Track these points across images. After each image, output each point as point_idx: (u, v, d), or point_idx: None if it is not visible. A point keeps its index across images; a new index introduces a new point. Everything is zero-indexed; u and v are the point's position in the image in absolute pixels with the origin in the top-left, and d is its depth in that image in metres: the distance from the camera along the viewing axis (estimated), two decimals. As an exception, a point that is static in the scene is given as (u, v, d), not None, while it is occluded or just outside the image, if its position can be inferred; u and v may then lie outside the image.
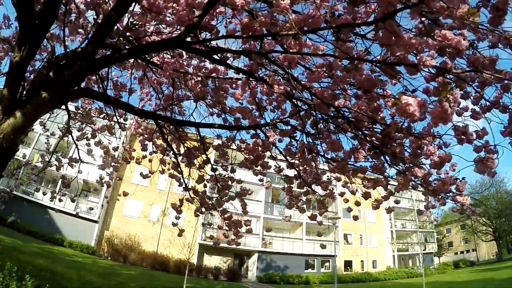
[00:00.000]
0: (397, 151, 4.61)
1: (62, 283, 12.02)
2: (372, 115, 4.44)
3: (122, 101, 6.68)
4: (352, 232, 42.33)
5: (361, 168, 5.30)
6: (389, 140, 4.61)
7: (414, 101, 2.43)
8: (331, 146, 4.95)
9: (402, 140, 4.63)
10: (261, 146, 6.23)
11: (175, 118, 6.93)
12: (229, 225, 7.76)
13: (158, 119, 6.51)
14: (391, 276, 39.00)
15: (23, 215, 27.83)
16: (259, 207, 36.07)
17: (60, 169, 9.20)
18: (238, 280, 30.11)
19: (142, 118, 7.40)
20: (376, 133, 4.81)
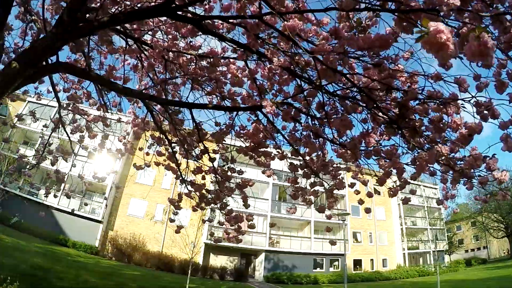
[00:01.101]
0: (416, 125, 3.91)
1: (55, 282, 11.66)
2: (386, 81, 3.75)
3: (105, 78, 6.08)
4: (361, 230, 41.45)
5: (375, 149, 4.60)
6: (407, 112, 3.92)
7: (445, 27, 1.70)
8: (340, 123, 4.27)
9: (422, 111, 3.93)
10: (262, 131, 5.60)
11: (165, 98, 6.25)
12: (229, 220, 7.15)
13: (146, 98, 5.91)
14: (402, 275, 38.07)
15: (27, 216, 27.58)
16: (265, 205, 35.39)
17: (54, 164, 8.51)
18: (245, 280, 29.47)
19: (127, 97, 6.74)
20: (391, 105, 4.13)
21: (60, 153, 8.61)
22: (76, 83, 7.87)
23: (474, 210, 53.78)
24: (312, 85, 4.68)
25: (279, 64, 4.43)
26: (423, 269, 40.11)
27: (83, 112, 8.29)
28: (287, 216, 35.85)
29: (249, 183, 6.71)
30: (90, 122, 8.33)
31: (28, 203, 28.73)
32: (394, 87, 3.81)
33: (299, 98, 5.16)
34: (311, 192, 5.94)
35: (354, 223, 40.64)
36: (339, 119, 4.35)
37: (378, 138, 4.97)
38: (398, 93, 4.17)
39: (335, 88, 4.90)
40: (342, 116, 4.38)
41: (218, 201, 6.96)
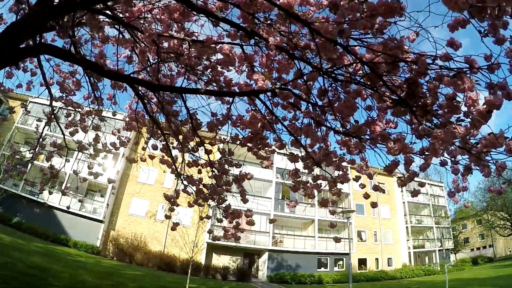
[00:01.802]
0: (428, 103, 3.48)
1: (50, 281, 11.38)
2: (393, 52, 3.33)
3: (90, 60, 5.71)
4: (366, 229, 40.94)
5: (381, 134, 4.17)
6: (416, 89, 3.50)
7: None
8: (344, 105, 3.86)
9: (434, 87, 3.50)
10: (260, 120, 5.21)
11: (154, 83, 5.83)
12: (226, 216, 6.77)
13: (133, 82, 5.53)
14: (407, 274, 37.47)
15: (29, 216, 27.70)
16: (268, 204, 34.93)
17: (50, 160, 8.20)
18: (248, 280, 29.01)
19: (114, 80, 6.35)
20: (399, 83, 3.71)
21: (54, 148, 8.17)
22: (68, 74, 7.52)
23: (479, 208, 53.09)
24: (313, 68, 4.29)
25: (275, 43, 4.06)
26: (429, 268, 39.54)
27: (76, 106, 7.91)
28: (291, 215, 35.50)
29: (247, 176, 6.29)
30: (84, 116, 7.96)
31: (29, 203, 28.69)
32: (402, 58, 3.38)
33: (298, 84, 4.76)
34: (313, 185, 5.53)
35: (359, 222, 40.15)
36: (342, 102, 3.95)
37: (384, 126, 4.60)
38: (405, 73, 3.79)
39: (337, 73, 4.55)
40: (345, 98, 3.98)
41: (215, 196, 6.56)
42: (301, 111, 4.88)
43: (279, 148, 5.21)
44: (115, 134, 8.50)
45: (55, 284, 11.13)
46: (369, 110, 4.61)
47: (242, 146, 5.67)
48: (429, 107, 3.41)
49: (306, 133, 4.87)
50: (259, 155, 5.78)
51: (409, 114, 3.98)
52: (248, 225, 6.77)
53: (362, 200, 39.73)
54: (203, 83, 6.21)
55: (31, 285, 10.26)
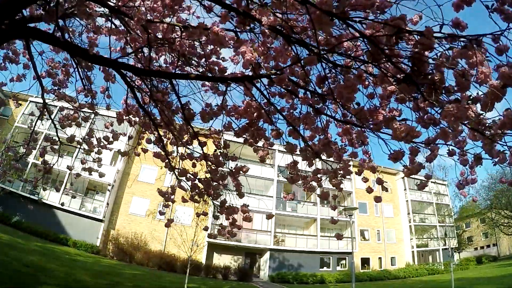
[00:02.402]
0: (436, 79, 3.14)
1: (44, 279, 11.21)
2: (395, 23, 2.98)
3: (75, 44, 5.42)
4: (369, 228, 40.50)
5: (385, 119, 3.84)
6: (422, 65, 3.16)
7: None
8: (343, 86, 3.52)
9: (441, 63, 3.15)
10: (256, 109, 4.89)
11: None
12: (221, 212, 6.45)
13: (120, 67, 5.20)
14: (411, 273, 37.00)
15: (29, 216, 27.79)
16: (270, 203, 34.64)
17: (43, 156, 7.99)
18: (249, 280, 28.62)
19: (99, 65, 6.04)
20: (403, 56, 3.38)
21: (46, 142, 8.09)
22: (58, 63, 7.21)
23: (483, 206, 52.43)
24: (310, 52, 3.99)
25: (269, 23, 3.73)
26: (433, 267, 39.08)
27: (69, 99, 7.65)
28: (293, 213, 35.18)
29: (242, 169, 5.96)
30: (77, 109, 7.69)
31: (29, 203, 27.41)
32: (405, 29, 3.04)
33: (296, 72, 4.42)
34: (312, 177, 5.20)
35: (362, 221, 39.78)
36: (342, 84, 3.62)
37: (388, 114, 4.28)
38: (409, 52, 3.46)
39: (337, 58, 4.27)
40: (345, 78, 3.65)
41: (209, 189, 6.23)
42: (299, 97, 4.56)
43: (275, 137, 4.88)
44: (108, 128, 8.28)
45: (48, 283, 10.97)
46: (371, 98, 4.32)
47: (237, 137, 5.34)
48: (438, 84, 3.06)
49: (304, 121, 4.55)
50: (256, 146, 5.45)
51: (413, 102, 3.68)
52: (245, 221, 6.43)
53: (365, 198, 39.37)
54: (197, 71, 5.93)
55: (24, 283, 10.14)
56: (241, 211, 6.31)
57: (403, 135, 3.28)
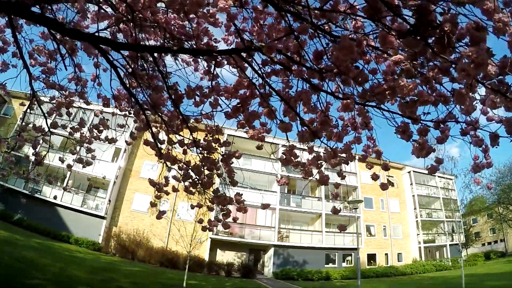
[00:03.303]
0: (446, 29, 2.57)
1: (33, 274, 11.00)
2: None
3: (50, 18, 4.99)
4: (375, 223, 39.80)
5: (389, 87, 3.31)
6: (429, 15, 2.61)
7: None
8: (339, 48, 2.97)
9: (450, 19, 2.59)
10: (247, 87, 4.43)
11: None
12: (212, 202, 5.98)
13: (97, 42, 4.76)
14: (418, 269, 36.24)
15: (31, 213, 28.01)
16: (274, 198, 34.12)
17: (36, 148, 7.81)
18: (252, 277, 28.10)
19: (76, 39, 5.61)
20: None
21: (35, 131, 7.77)
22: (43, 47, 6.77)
23: (491, 201, 51.47)
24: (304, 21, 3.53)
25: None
26: (440, 263, 38.33)
27: (59, 87, 7.25)
28: (297, 209, 34.67)
29: (235, 154, 5.45)
30: (67, 98, 7.27)
31: (31, 201, 28.71)
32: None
33: (290, 47, 4.07)
34: (311, 161, 4.65)
35: (367, 216, 39.13)
36: (337, 45, 3.09)
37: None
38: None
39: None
40: (341, 37, 3.12)
41: (201, 177, 5.74)
42: (293, 71, 4.05)
43: (267, 115, 4.35)
44: (97, 115, 7.95)
45: (38, 277, 10.73)
46: (374, 73, 3.86)
47: (228, 118, 4.85)
48: (449, 36, 2.49)
49: (300, 97, 4.04)
50: (252, 132, 4.92)
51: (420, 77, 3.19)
52: (239, 212, 5.93)
53: (371, 193, 38.77)
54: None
55: (12, 277, 9.89)
56: (235, 200, 5.82)
57: (410, 93, 2.71)
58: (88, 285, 11.95)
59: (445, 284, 24.14)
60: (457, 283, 21.09)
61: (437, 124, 3.90)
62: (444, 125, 3.88)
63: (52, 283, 10.48)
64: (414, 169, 43.86)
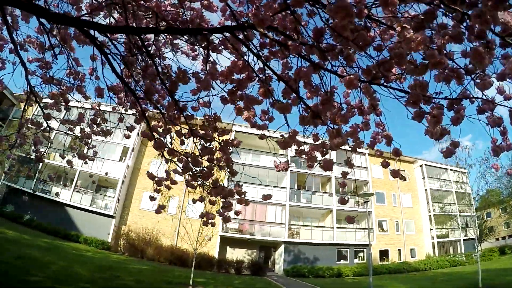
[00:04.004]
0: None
1: (33, 271, 10.98)
2: None
3: (34, 3, 4.74)
4: (387, 218, 39.04)
5: (395, 53, 2.93)
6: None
7: None
8: (335, 12, 2.59)
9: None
10: (243, 69, 4.08)
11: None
12: (211, 193, 5.66)
13: (83, 26, 4.46)
14: (432, 265, 35.42)
15: (41, 214, 28.51)
16: (283, 194, 33.76)
17: (37, 145, 7.63)
18: (263, 274, 27.67)
19: (61, 24, 5.31)
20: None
21: (32, 126, 7.64)
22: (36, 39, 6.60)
23: (505, 194, 50.19)
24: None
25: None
26: (454, 259, 37.47)
27: (57, 82, 7.01)
28: (307, 204, 34.25)
29: (233, 142, 5.11)
30: (65, 93, 7.07)
31: (42, 202, 29.53)
32: None
33: (287, 26, 3.73)
34: (314, 146, 4.27)
35: (379, 211, 38.40)
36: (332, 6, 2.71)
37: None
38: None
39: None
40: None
41: (198, 166, 5.42)
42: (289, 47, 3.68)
43: (262, 95, 3.99)
44: (94, 109, 7.67)
45: (37, 274, 10.65)
46: (380, 51, 3.49)
47: (224, 103, 4.52)
48: None
49: (299, 75, 3.69)
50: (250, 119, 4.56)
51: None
52: (240, 204, 5.59)
53: (383, 188, 38.14)
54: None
55: (9, 274, 9.79)
56: (236, 192, 5.49)
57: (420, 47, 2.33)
58: (89, 282, 11.79)
59: (461, 280, 23.52)
60: (473, 279, 20.51)
61: (451, 104, 3.54)
62: (458, 105, 3.53)
63: (51, 280, 10.34)
64: (426, 162, 43.12)
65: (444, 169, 43.10)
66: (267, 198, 5.48)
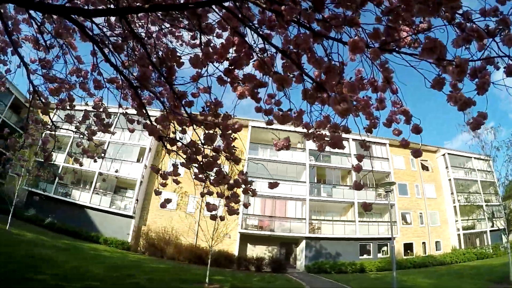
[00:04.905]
0: None
1: (43, 269, 11.09)
2: None
3: None
4: (410, 210, 37.84)
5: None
6: None
7: None
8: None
9: None
10: (239, 45, 3.70)
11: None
12: (213, 183, 5.32)
13: (68, 12, 4.20)
14: (458, 258, 34.16)
15: (62, 216, 29.59)
16: (303, 189, 33.28)
17: (46, 145, 7.77)
18: (283, 271, 27.21)
19: (45, 13, 5.10)
20: None
21: (36, 125, 7.83)
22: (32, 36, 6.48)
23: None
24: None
25: None
26: (481, 251, 36.09)
27: (60, 81, 6.96)
28: (328, 198, 33.63)
29: (235, 126, 4.73)
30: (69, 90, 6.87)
31: (61, 204, 31.11)
32: None
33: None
34: (319, 122, 3.84)
35: (402, 203, 37.27)
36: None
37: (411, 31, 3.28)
38: None
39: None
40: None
41: (199, 155, 5.10)
42: (283, 12, 3.27)
43: (258, 67, 3.59)
44: (97, 104, 7.53)
45: (44, 272, 10.66)
46: (388, 14, 3.09)
47: (221, 83, 4.15)
48: None
49: (295, 41, 3.31)
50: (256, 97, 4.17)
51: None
52: (245, 194, 5.22)
53: (405, 179, 37.18)
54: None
55: (19, 271, 9.83)
56: (241, 181, 5.14)
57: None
58: (98, 280, 11.68)
59: (490, 274, 22.59)
60: (503, 272, 19.67)
61: (474, 72, 3.10)
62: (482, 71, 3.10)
63: (58, 278, 10.30)
64: (449, 151, 41.72)
65: (468, 158, 41.56)
66: (274, 186, 5.07)
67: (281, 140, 3.40)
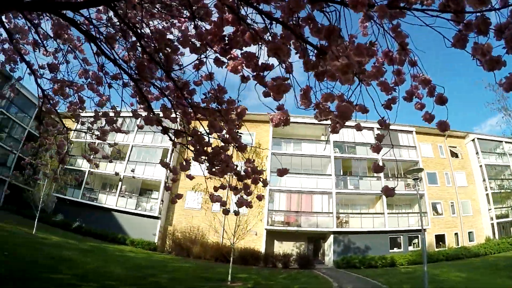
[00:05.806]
0: None
1: (63, 270, 11.20)
2: None
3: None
4: (441, 200, 36.18)
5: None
6: None
7: None
8: None
9: None
10: (232, 23, 3.46)
11: None
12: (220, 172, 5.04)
13: (57, 8, 4.17)
14: (492, 249, 32.36)
15: (89, 220, 30.56)
16: (329, 182, 32.69)
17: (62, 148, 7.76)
18: (311, 267, 26.72)
19: (35, 11, 5.06)
20: None
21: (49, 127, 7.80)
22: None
23: None
24: None
25: None
26: (517, 241, 34.17)
27: (69, 84, 6.89)
28: (355, 191, 32.91)
29: (237, 109, 4.41)
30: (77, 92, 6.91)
31: (88, 209, 32.18)
32: None
33: None
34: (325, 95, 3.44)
35: (432, 193, 35.73)
36: None
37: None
38: None
39: None
40: None
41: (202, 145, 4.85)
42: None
43: (250, 39, 3.24)
44: (101, 96, 7.48)
45: (63, 272, 10.75)
46: None
47: (218, 65, 3.87)
48: None
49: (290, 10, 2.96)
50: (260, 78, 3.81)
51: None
52: (254, 184, 4.93)
53: (434, 167, 35.91)
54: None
55: (38, 271, 9.88)
56: (252, 170, 4.91)
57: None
58: (117, 280, 11.64)
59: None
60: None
61: (499, 30, 2.76)
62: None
63: (77, 278, 10.29)
64: (478, 136, 39.64)
65: (498, 142, 39.45)
66: (284, 172, 4.66)
67: (277, 113, 3.00)
